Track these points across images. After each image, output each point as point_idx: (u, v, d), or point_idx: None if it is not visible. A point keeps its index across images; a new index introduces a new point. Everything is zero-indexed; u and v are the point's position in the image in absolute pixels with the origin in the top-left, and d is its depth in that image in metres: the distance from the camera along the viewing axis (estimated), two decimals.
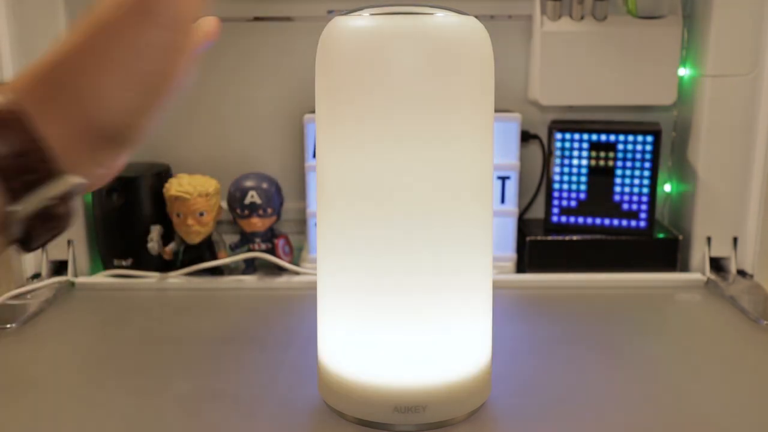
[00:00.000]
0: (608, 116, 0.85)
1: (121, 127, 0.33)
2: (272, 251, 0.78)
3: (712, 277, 0.77)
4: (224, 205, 0.79)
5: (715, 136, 0.77)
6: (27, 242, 0.31)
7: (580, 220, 0.81)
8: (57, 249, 0.80)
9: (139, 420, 0.51)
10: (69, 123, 0.31)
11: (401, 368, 0.48)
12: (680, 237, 0.80)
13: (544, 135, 0.84)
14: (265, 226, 0.77)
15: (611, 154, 0.79)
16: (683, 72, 0.82)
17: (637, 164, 0.79)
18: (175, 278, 0.77)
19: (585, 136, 0.80)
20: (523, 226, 0.83)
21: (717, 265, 0.80)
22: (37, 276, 0.79)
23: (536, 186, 0.87)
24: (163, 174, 0.81)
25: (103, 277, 0.79)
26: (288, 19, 0.84)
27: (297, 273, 0.78)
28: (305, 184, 0.81)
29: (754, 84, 0.75)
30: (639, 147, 0.78)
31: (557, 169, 0.81)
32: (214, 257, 0.79)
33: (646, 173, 0.79)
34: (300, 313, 0.70)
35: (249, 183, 0.76)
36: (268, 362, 0.59)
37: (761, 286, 0.75)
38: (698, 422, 0.50)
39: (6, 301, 0.72)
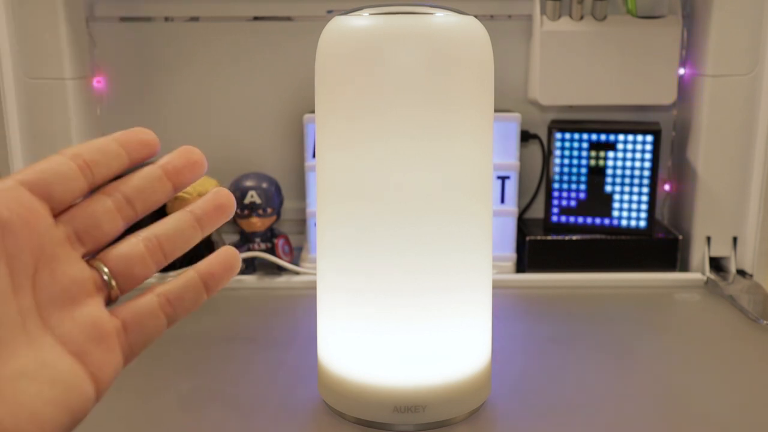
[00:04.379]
0: (608, 116, 0.85)
1: None
2: (272, 251, 0.78)
3: (712, 276, 0.77)
4: None
5: (714, 135, 0.77)
6: None
7: (580, 219, 0.81)
8: None
9: (139, 420, 0.51)
10: None
11: (401, 368, 0.48)
12: (680, 237, 0.80)
13: (543, 135, 0.84)
14: (265, 225, 0.77)
15: (611, 154, 0.79)
16: (683, 72, 0.82)
17: (637, 164, 0.79)
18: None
19: (585, 136, 0.80)
20: (523, 225, 0.83)
21: (717, 264, 0.80)
22: None
23: (536, 186, 0.87)
24: None
25: None
26: (288, 19, 0.84)
27: (297, 273, 0.78)
28: (305, 184, 0.81)
29: (754, 84, 0.75)
30: (639, 147, 0.78)
31: (557, 169, 0.81)
32: None
33: (646, 173, 0.79)
34: (300, 313, 0.70)
35: (249, 183, 0.76)
36: (268, 362, 0.59)
37: (761, 285, 0.75)
38: (698, 422, 0.50)
39: None
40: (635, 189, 0.79)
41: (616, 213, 0.80)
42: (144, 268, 0.33)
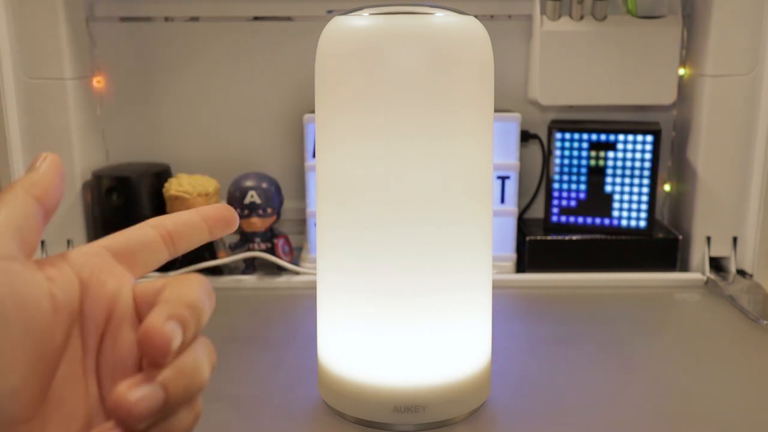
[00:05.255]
0: (608, 116, 0.85)
1: None
2: (272, 251, 0.78)
3: (712, 276, 0.77)
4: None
5: (714, 135, 0.77)
6: None
7: (580, 219, 0.81)
8: (57, 249, 0.80)
9: None
10: None
11: (401, 368, 0.48)
12: (680, 237, 0.80)
13: (544, 135, 0.84)
14: (265, 225, 0.77)
15: (611, 154, 0.79)
16: (683, 72, 0.82)
17: (637, 164, 0.79)
18: None
19: (585, 136, 0.80)
20: (523, 225, 0.83)
21: (717, 264, 0.80)
22: None
23: (536, 186, 0.87)
24: (162, 174, 0.81)
25: None
26: (288, 19, 0.84)
27: (297, 273, 0.78)
28: (305, 184, 0.81)
29: (754, 84, 0.75)
30: (639, 147, 0.78)
31: (557, 169, 0.81)
32: (214, 257, 0.79)
33: (646, 173, 0.79)
34: (300, 313, 0.70)
35: (249, 183, 0.76)
36: (268, 362, 0.59)
37: (761, 285, 0.75)
38: (698, 422, 0.50)
39: None
40: (635, 189, 0.79)
41: (616, 213, 0.80)
42: None
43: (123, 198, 0.77)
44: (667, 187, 0.87)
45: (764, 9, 0.74)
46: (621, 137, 0.79)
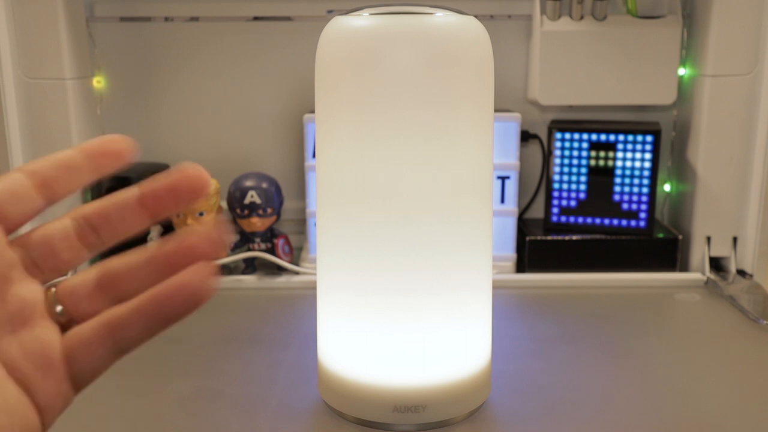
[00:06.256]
0: (608, 116, 0.85)
1: None
2: (272, 251, 0.78)
3: (712, 276, 0.77)
4: (224, 204, 0.79)
5: (714, 135, 0.77)
6: None
7: (580, 219, 0.81)
8: None
9: (139, 420, 0.51)
10: None
11: (401, 368, 0.48)
12: (680, 237, 0.80)
13: (543, 135, 0.84)
14: (265, 225, 0.77)
15: (611, 154, 0.79)
16: (683, 72, 0.82)
17: (637, 164, 0.79)
18: None
19: (585, 136, 0.80)
20: (523, 225, 0.83)
21: (717, 264, 0.80)
22: None
23: (536, 186, 0.87)
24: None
25: None
26: (288, 18, 0.84)
27: (297, 273, 0.78)
28: (305, 184, 0.81)
29: (754, 84, 0.75)
30: (639, 147, 0.78)
31: (557, 169, 0.81)
32: None
33: (646, 173, 0.79)
34: (300, 313, 0.70)
35: (249, 183, 0.76)
36: (268, 362, 0.59)
37: (761, 285, 0.75)
38: (698, 422, 0.50)
39: None
40: (635, 189, 0.79)
41: (616, 213, 0.80)
42: (91, 304, 0.30)
43: None
44: (667, 187, 0.87)
45: (764, 9, 0.74)
46: (621, 137, 0.79)
